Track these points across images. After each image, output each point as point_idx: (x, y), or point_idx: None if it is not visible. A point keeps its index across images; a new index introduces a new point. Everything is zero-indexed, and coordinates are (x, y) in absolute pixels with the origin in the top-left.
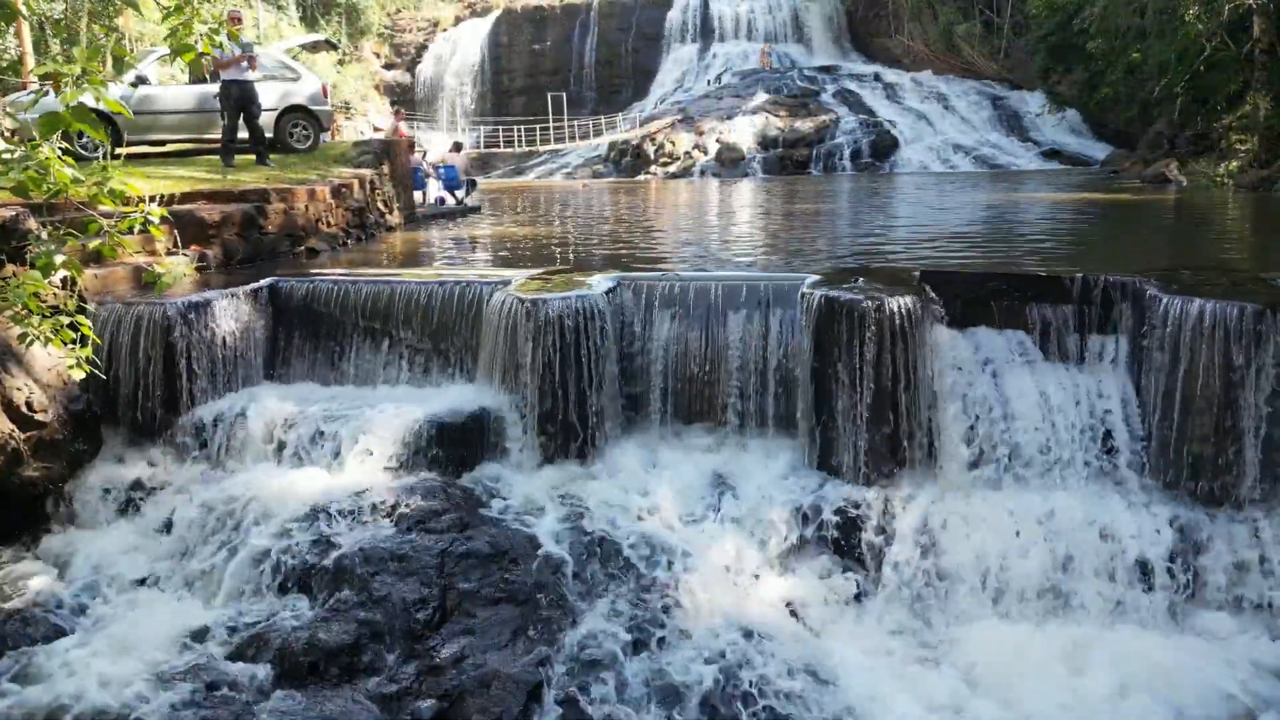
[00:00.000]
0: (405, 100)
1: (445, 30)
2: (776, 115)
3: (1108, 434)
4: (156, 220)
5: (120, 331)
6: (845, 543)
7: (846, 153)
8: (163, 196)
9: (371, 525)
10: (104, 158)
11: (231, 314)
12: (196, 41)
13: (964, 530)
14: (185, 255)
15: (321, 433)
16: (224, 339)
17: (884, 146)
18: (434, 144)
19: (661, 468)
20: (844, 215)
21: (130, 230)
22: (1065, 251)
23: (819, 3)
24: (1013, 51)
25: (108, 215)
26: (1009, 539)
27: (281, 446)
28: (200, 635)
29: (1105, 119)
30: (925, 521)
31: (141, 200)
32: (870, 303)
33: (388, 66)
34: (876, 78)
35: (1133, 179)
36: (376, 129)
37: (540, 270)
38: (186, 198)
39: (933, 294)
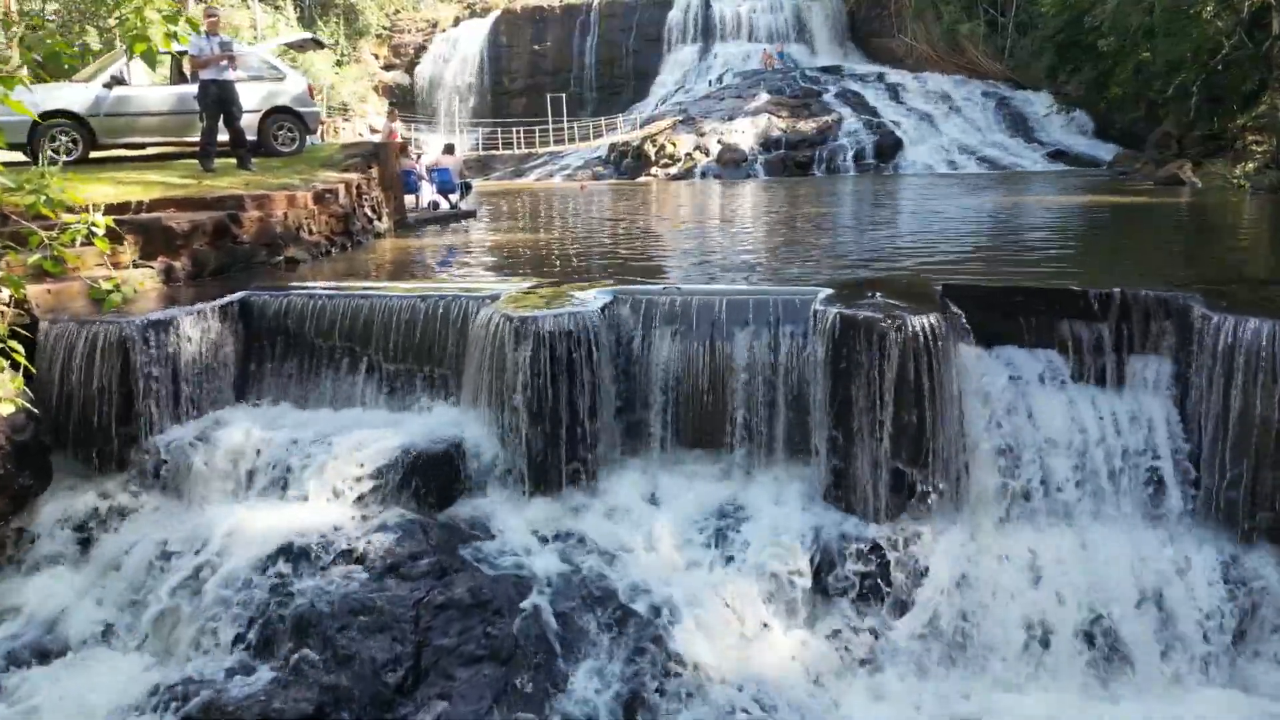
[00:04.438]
0: (404, 102)
1: (444, 31)
2: (779, 116)
3: (1151, 465)
4: (101, 231)
5: (74, 352)
6: (864, 589)
7: (850, 154)
8: (120, 205)
9: (341, 570)
10: (46, 165)
11: (197, 332)
12: (162, 34)
13: (995, 574)
14: (150, 267)
15: (290, 464)
16: (188, 359)
17: (888, 148)
18: (433, 146)
19: (661, 501)
20: (850, 220)
21: (72, 243)
22: (1087, 260)
23: (821, 3)
24: (1017, 51)
25: (49, 227)
26: (1045, 583)
27: (248, 478)
28: (146, 702)
29: (1112, 119)
30: (952, 564)
31: (84, 210)
32: (890, 321)
33: (387, 68)
34: (880, 78)
35: (1144, 181)
36: (374, 130)
37: (530, 283)
38: (155, 205)
39: (956, 310)
